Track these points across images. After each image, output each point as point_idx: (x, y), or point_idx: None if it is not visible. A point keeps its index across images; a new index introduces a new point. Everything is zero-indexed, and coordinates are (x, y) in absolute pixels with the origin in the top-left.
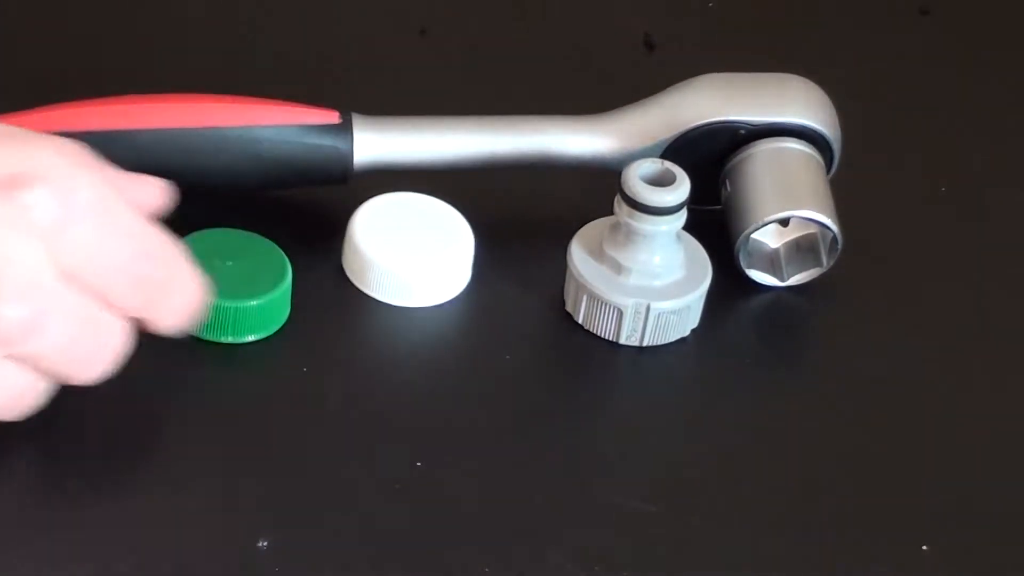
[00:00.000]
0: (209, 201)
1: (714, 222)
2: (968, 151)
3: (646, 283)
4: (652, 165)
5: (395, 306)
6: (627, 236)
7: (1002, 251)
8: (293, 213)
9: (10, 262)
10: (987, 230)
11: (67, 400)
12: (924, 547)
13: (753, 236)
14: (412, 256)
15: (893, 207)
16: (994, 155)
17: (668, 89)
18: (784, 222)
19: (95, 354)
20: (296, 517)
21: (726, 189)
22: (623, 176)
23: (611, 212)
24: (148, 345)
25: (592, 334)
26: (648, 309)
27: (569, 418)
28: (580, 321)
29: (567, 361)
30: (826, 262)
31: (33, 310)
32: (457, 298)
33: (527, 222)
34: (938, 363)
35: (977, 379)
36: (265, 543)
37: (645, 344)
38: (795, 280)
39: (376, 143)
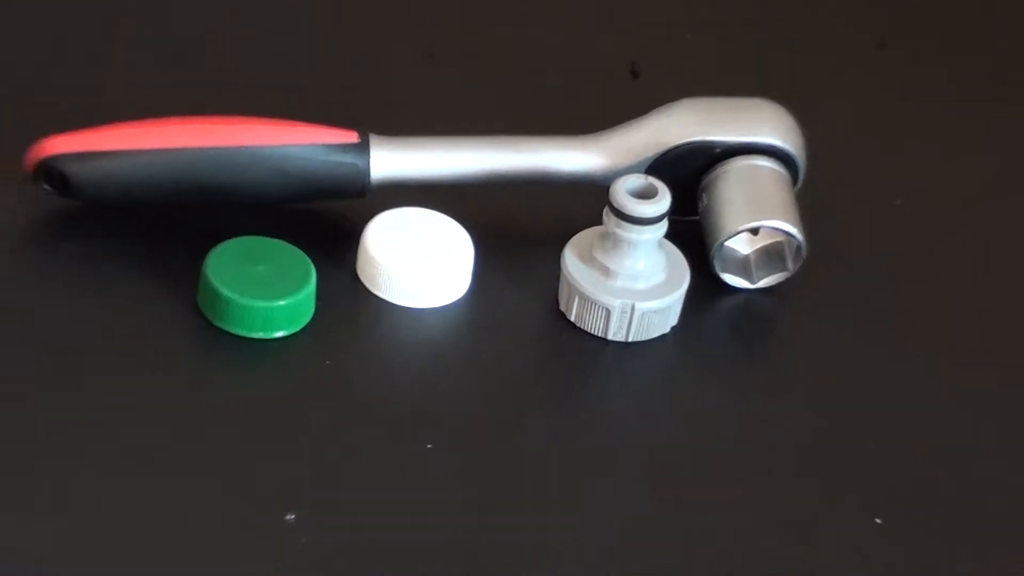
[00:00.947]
0: (242, 212)
1: (692, 231)
2: (919, 169)
3: (631, 285)
4: (637, 180)
5: (404, 307)
6: (615, 243)
7: (946, 257)
8: (315, 223)
9: None
10: (934, 239)
11: (114, 388)
12: (877, 520)
13: (727, 243)
14: (418, 262)
15: (852, 218)
16: (942, 173)
17: (651, 112)
18: (755, 231)
19: None
20: (319, 494)
21: (703, 201)
22: (611, 190)
23: (600, 222)
24: (189, 339)
25: (583, 331)
26: (633, 309)
27: (561, 406)
28: (572, 319)
29: (560, 355)
30: (792, 267)
31: None
32: (459, 300)
33: (525, 231)
34: (890, 356)
35: (926, 368)
36: (292, 517)
37: (630, 340)
38: (764, 283)
39: (391, 160)
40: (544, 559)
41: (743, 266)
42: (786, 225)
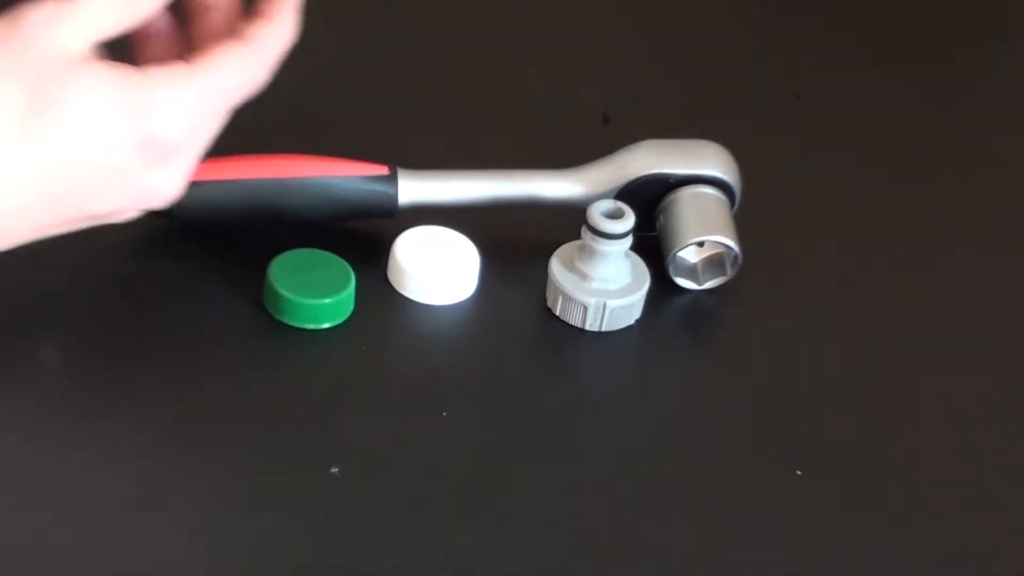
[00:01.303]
0: (297, 230)
1: (652, 244)
2: (829, 195)
3: (604, 287)
4: (608, 204)
5: (423, 303)
6: (590, 254)
7: (852, 260)
8: (355, 238)
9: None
10: (843, 247)
11: (201, 365)
12: (798, 472)
13: (679, 254)
14: (435, 268)
15: (777, 234)
16: (848, 198)
17: (619, 150)
18: (701, 244)
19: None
20: (359, 451)
21: (660, 220)
22: (588, 212)
23: (580, 237)
24: (256, 329)
25: (565, 323)
26: (605, 305)
27: (547, 382)
28: (557, 313)
29: (547, 342)
30: (730, 272)
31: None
32: (467, 298)
33: (519, 244)
34: (810, 340)
35: (840, 349)
36: (336, 469)
37: (603, 330)
38: (709, 285)
39: (414, 189)
40: (537, 492)
41: (692, 271)
42: (726, 239)
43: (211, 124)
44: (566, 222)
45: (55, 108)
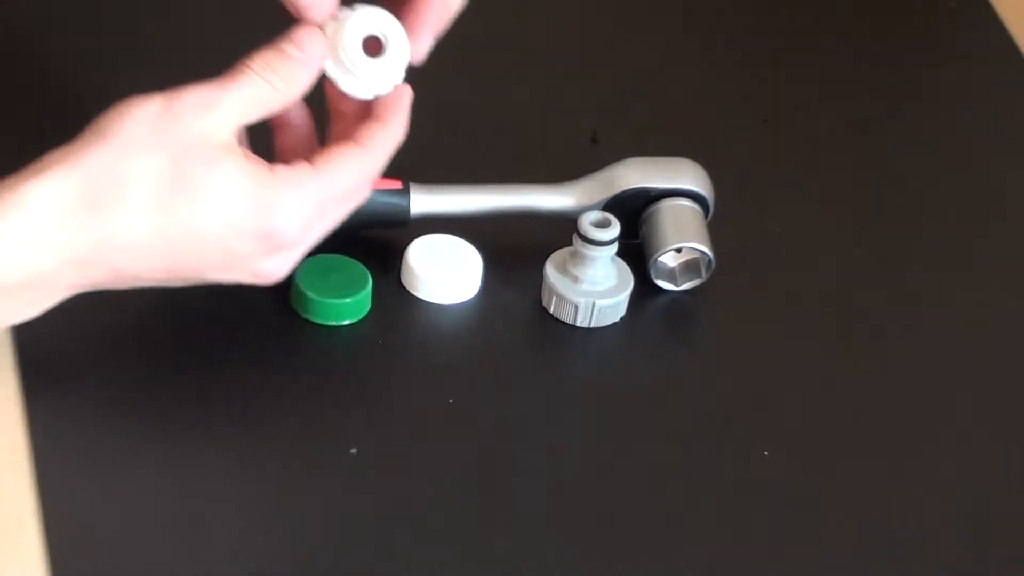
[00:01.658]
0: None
1: (635, 250)
2: (791, 206)
3: (592, 288)
4: (596, 214)
5: (432, 303)
6: (581, 259)
7: (813, 265)
8: (372, 245)
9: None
10: (804, 253)
11: (235, 356)
12: (765, 452)
13: (659, 258)
14: (443, 271)
15: (748, 241)
16: (807, 209)
17: (606, 167)
18: (679, 250)
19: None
20: (375, 432)
21: (642, 229)
22: (578, 222)
23: (571, 244)
24: (284, 326)
25: (558, 320)
26: (594, 304)
27: (541, 372)
28: (551, 312)
29: (542, 337)
30: (705, 275)
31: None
32: (472, 298)
33: (518, 250)
34: (775, 335)
35: (801, 343)
36: (355, 450)
37: (592, 326)
38: (686, 286)
39: (425, 201)
40: (534, 468)
41: (671, 274)
42: (701, 246)
43: (326, 222)
44: (559, 231)
45: (192, 189)
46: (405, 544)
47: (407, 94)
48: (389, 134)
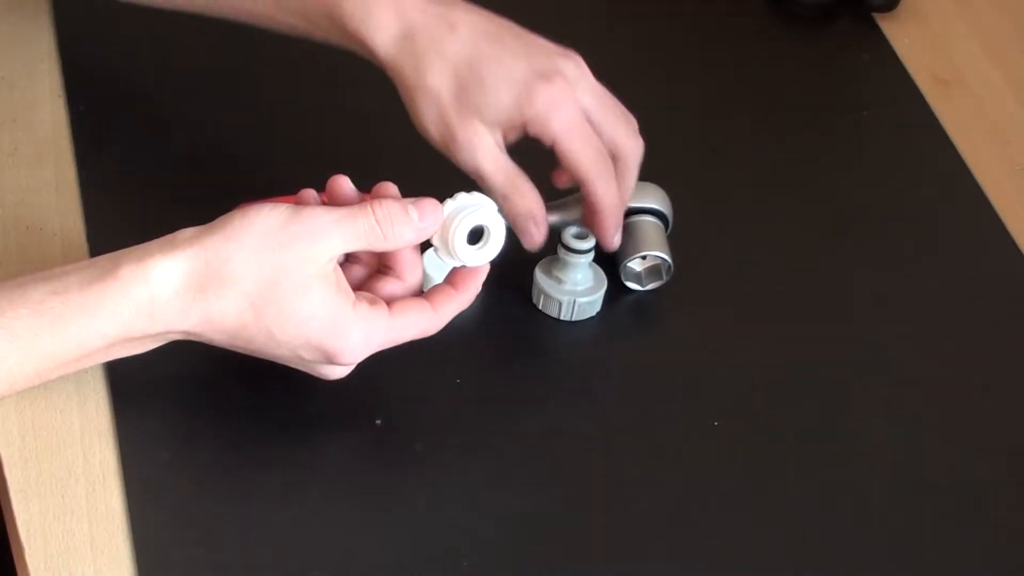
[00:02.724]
0: None
1: (608, 257)
2: (738, 220)
3: (573, 288)
4: (576, 229)
5: None
6: (564, 264)
7: (762, 267)
8: None
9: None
10: (752, 257)
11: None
12: (716, 423)
13: (628, 264)
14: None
15: (701, 249)
16: (752, 222)
17: None
18: (644, 257)
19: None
20: (397, 405)
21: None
22: (562, 234)
23: (557, 252)
24: None
25: (545, 314)
26: (575, 301)
27: (532, 357)
28: (540, 307)
29: (531, 328)
30: (665, 278)
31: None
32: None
33: (512, 257)
34: (727, 324)
35: (753, 329)
36: (379, 420)
37: (573, 320)
38: (650, 287)
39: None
40: (525, 436)
41: (638, 277)
42: (662, 254)
43: (381, 349)
44: (547, 242)
45: (281, 303)
46: (419, 495)
47: (484, 272)
48: (459, 303)
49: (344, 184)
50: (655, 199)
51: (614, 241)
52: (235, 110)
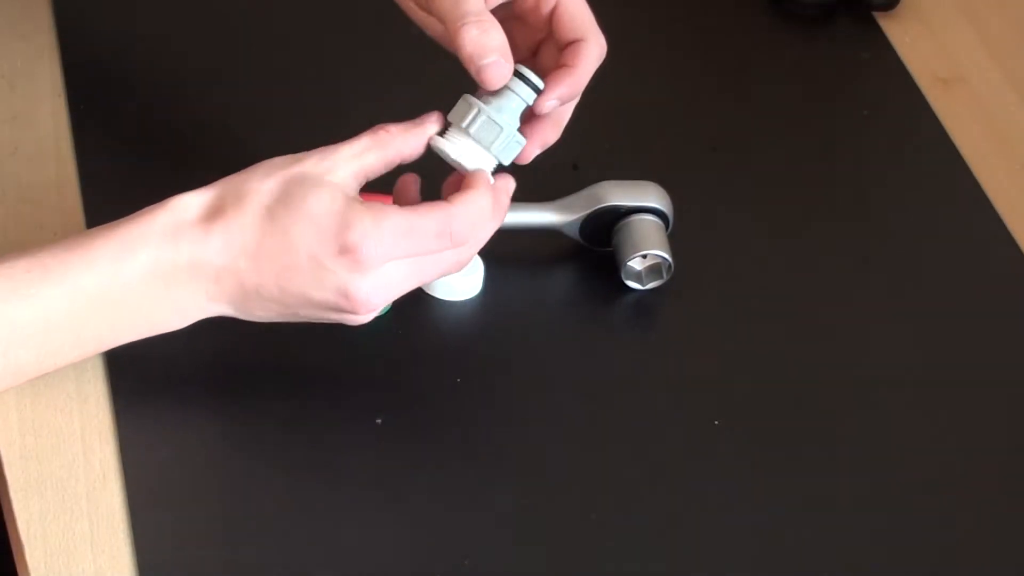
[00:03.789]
0: None
1: (609, 256)
2: (738, 219)
3: (498, 114)
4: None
5: (443, 299)
6: (507, 95)
7: (762, 267)
8: None
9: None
10: (750, 258)
11: (283, 349)
12: (716, 422)
13: (628, 263)
14: (452, 274)
15: (701, 248)
16: (750, 220)
17: (584, 188)
18: (644, 256)
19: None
20: (398, 403)
21: (615, 239)
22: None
23: (556, 252)
24: (316, 324)
25: (546, 311)
26: (488, 117)
27: (530, 353)
28: (449, 119)
29: (532, 327)
30: (665, 277)
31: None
32: (475, 295)
33: (513, 256)
34: (726, 322)
35: (751, 327)
36: (380, 420)
37: (475, 137)
38: (650, 286)
39: None
40: (525, 426)
41: (638, 276)
42: (662, 253)
43: (409, 265)
44: (546, 240)
45: (291, 203)
46: (419, 495)
47: (510, 183)
48: (478, 199)
49: (410, 183)
50: (655, 198)
51: (549, 108)
52: (237, 108)
